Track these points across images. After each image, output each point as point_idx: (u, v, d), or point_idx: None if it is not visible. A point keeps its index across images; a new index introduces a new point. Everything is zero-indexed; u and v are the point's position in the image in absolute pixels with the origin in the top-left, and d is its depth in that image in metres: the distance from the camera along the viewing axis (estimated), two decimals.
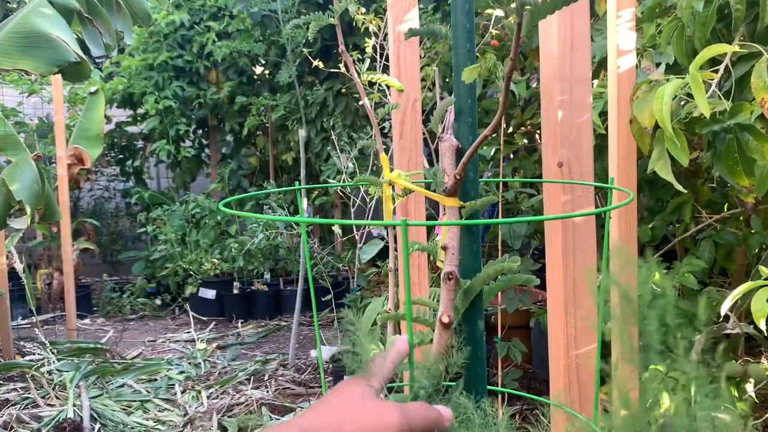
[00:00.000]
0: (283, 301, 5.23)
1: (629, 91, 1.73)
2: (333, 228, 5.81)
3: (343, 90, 4.78)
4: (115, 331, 4.91)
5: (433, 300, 0.83)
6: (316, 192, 5.26)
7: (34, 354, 4.07)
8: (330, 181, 4.43)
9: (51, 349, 3.96)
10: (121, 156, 6.56)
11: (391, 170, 1.17)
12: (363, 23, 2.70)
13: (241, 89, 5.75)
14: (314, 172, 5.47)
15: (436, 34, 0.93)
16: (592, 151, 1.31)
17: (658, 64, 1.89)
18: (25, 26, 1.71)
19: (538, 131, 3.50)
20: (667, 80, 1.55)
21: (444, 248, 0.76)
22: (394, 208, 1.88)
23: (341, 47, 1.11)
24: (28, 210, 1.56)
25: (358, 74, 1.19)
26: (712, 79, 1.61)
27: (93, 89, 4.98)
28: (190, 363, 3.97)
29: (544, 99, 1.33)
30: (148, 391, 3.47)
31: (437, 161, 2.38)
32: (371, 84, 3.65)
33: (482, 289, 0.78)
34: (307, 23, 1.11)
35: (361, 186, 3.49)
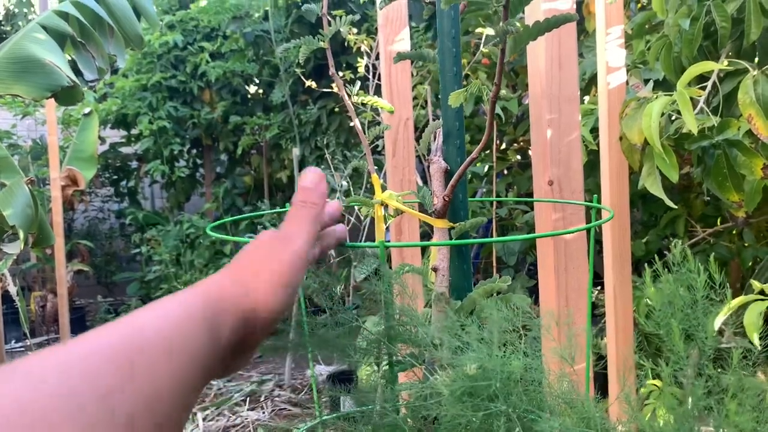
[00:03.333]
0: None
1: (619, 107, 1.75)
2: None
3: (337, 109, 4.81)
4: None
5: (427, 322, 0.83)
6: None
7: None
8: (329, 177, 4.44)
9: None
10: (115, 177, 6.56)
11: (384, 189, 1.18)
12: (355, 43, 2.72)
13: (235, 109, 5.77)
14: None
15: (424, 57, 0.94)
16: (582, 169, 1.32)
17: (647, 81, 1.91)
18: (18, 51, 1.72)
19: (530, 147, 3.52)
20: (656, 97, 1.57)
21: (434, 269, 0.76)
22: (387, 228, 1.89)
23: (332, 70, 1.12)
24: (21, 235, 1.56)
25: (349, 96, 1.20)
26: (700, 96, 1.63)
27: (87, 111, 4.98)
28: None
29: (533, 118, 1.35)
30: None
31: (430, 178, 2.36)
32: (363, 104, 3.66)
33: (474, 310, 0.78)
34: (298, 46, 1.12)
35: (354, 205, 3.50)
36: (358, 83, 1.27)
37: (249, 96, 5.90)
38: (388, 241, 2.33)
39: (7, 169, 4.24)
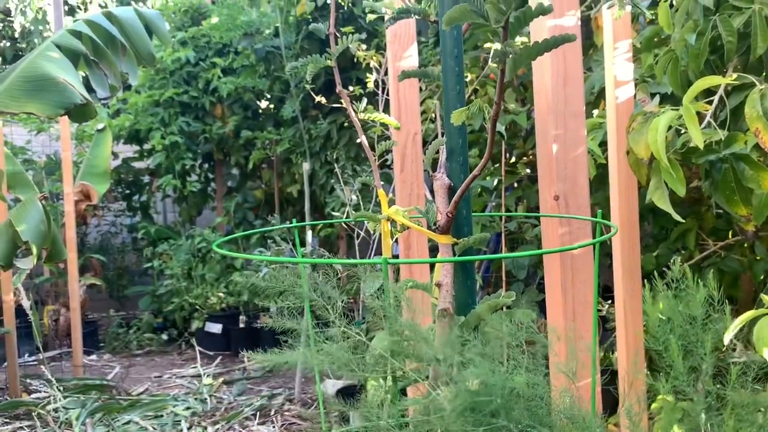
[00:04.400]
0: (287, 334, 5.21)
1: (627, 120, 1.75)
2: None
3: (346, 124, 4.84)
4: (122, 367, 4.90)
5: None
6: (320, 227, 5.28)
7: (40, 391, 4.06)
8: (334, 214, 4.45)
9: (57, 387, 3.95)
10: (127, 191, 6.62)
11: (392, 204, 1.19)
12: (364, 59, 2.75)
13: (246, 123, 5.81)
14: (319, 204, 5.50)
15: (428, 76, 0.95)
16: (587, 184, 1.33)
17: (654, 95, 1.92)
18: (32, 70, 1.75)
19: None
20: (663, 112, 1.57)
21: (438, 285, 0.77)
22: (395, 241, 1.90)
23: (338, 88, 1.14)
24: (35, 250, 1.59)
25: (355, 112, 1.22)
26: (707, 110, 1.63)
27: (100, 126, 5.05)
28: (196, 398, 3.95)
29: (538, 133, 1.35)
30: (154, 428, 3.46)
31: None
32: (372, 120, 3.68)
33: (478, 325, 0.79)
34: (307, 64, 1.14)
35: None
36: (365, 100, 1.29)
37: (260, 111, 5.95)
38: (397, 256, 2.34)
39: (22, 184, 4.30)
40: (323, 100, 3.18)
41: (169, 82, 5.80)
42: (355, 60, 3.06)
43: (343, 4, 4.51)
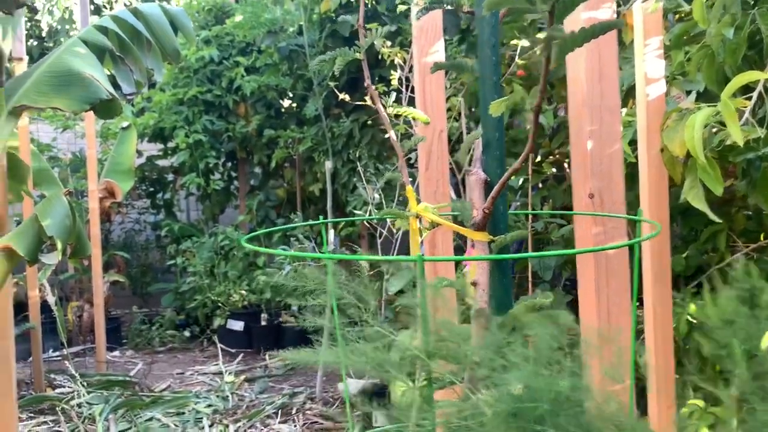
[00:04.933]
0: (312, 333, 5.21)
1: (659, 119, 1.70)
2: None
3: (369, 122, 4.81)
4: (144, 363, 4.92)
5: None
6: (343, 223, 5.26)
7: (64, 387, 4.09)
8: (356, 212, 4.43)
9: (81, 382, 3.98)
10: (151, 189, 6.66)
11: (418, 202, 1.16)
12: (389, 56, 2.72)
13: (269, 122, 5.82)
14: (341, 202, 5.48)
15: (462, 67, 0.92)
16: (623, 181, 1.29)
17: (688, 92, 1.86)
18: (59, 65, 1.75)
19: (566, 160, 3.47)
20: (699, 108, 1.52)
21: (474, 284, 0.74)
22: (422, 241, 1.86)
23: (367, 82, 1.11)
24: (59, 245, 1.59)
25: (384, 107, 1.19)
26: (745, 107, 1.58)
27: (125, 124, 5.09)
28: (217, 396, 3.95)
29: (572, 129, 1.32)
30: (176, 425, 3.47)
31: (464, 192, 2.36)
32: (397, 116, 3.66)
33: (515, 326, 0.76)
34: (334, 58, 1.12)
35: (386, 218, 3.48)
36: (393, 94, 1.26)
37: (283, 110, 5.95)
38: (423, 255, 2.31)
39: (48, 181, 4.34)
40: (347, 97, 3.16)
41: (193, 80, 5.82)
42: (379, 57, 3.03)
43: (367, 1, 4.49)
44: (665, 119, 1.62)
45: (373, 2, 4.38)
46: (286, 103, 5.97)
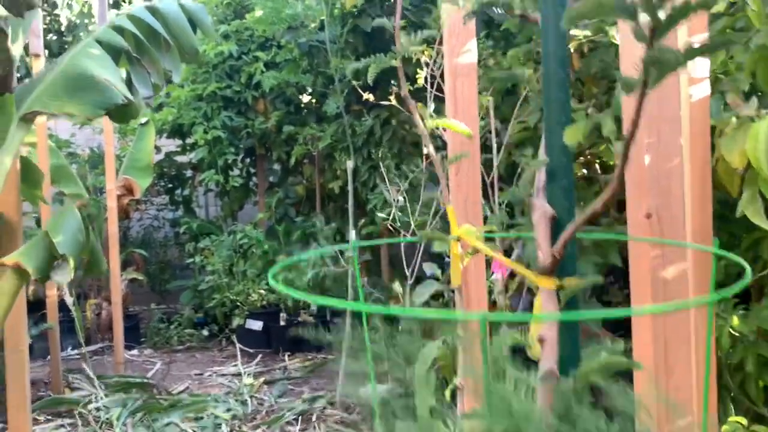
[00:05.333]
0: (331, 333, 5.13)
1: (704, 122, 1.57)
2: (380, 261, 5.71)
3: (392, 121, 4.70)
4: (163, 363, 4.87)
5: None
6: (363, 221, 5.17)
7: (82, 388, 4.05)
8: (378, 214, 4.34)
9: (98, 384, 3.93)
10: (170, 185, 6.61)
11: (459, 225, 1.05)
12: (415, 54, 2.60)
13: (289, 118, 5.72)
14: (361, 201, 5.38)
15: (516, 78, 0.81)
16: (683, 199, 1.17)
17: (748, 95, 1.73)
18: (73, 69, 1.66)
19: (597, 160, 3.34)
20: (759, 116, 1.40)
21: (540, 341, 0.63)
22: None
23: (404, 92, 1.01)
24: (71, 263, 1.51)
25: (422, 118, 1.09)
26: None
27: (143, 120, 5.02)
28: (236, 400, 3.88)
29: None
30: (194, 431, 3.40)
31: (492, 194, 2.21)
32: (436, 128, 3.55)
33: (585, 387, 0.65)
34: (368, 66, 1.02)
35: (410, 219, 3.37)
36: (432, 106, 1.15)
37: (302, 106, 5.85)
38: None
39: (66, 178, 4.27)
40: (371, 97, 3.05)
41: (211, 76, 5.74)
42: (405, 55, 2.91)
43: None
44: (722, 127, 1.49)
45: None
46: (305, 98, 5.87)
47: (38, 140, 3.78)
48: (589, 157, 3.30)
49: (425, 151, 1.04)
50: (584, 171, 3.40)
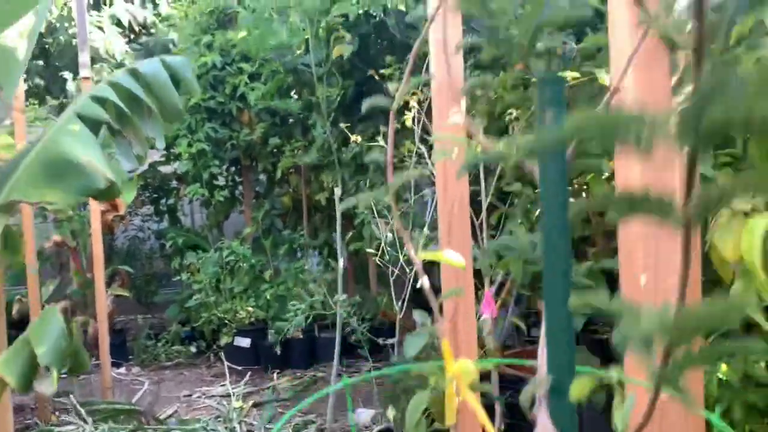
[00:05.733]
0: (319, 349, 5.12)
1: None
2: (369, 271, 5.70)
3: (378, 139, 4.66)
4: (151, 383, 4.84)
5: None
6: (350, 235, 5.14)
7: (69, 412, 4.01)
8: (368, 231, 4.32)
9: (84, 417, 3.89)
10: (155, 195, 6.54)
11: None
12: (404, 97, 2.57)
13: (274, 130, 5.66)
14: (349, 213, 5.35)
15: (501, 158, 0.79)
16: None
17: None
18: (52, 150, 1.62)
19: (584, 187, 3.33)
20: (754, 210, 1.38)
21: None
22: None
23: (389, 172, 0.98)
24: (55, 374, 1.48)
25: (414, 251, 1.06)
26: None
27: None
28: (226, 428, 3.86)
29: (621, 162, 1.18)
30: None
31: (482, 239, 2.18)
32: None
33: None
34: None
35: (398, 254, 3.35)
36: (427, 227, 1.12)
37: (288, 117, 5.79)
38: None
39: None
40: (359, 139, 3.00)
41: None
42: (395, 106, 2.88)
43: (375, 14, 4.31)
44: (713, 216, 1.48)
45: (381, 15, 4.20)
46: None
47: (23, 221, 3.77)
48: (576, 186, 3.29)
49: (421, 283, 1.03)
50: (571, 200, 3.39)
